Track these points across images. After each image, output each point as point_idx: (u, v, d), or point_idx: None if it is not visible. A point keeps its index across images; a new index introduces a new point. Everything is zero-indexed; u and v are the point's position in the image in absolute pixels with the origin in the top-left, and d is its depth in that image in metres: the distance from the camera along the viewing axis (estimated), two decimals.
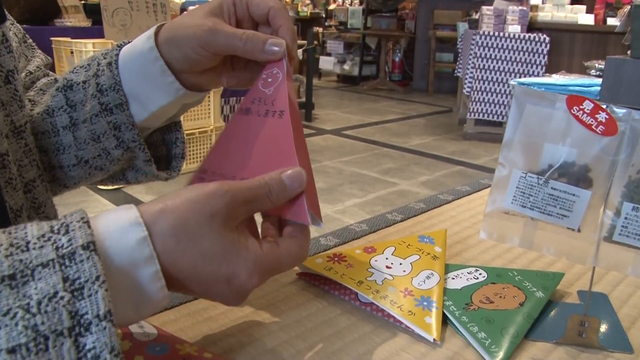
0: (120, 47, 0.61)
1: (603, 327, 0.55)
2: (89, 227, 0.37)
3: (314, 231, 0.55)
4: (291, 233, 0.49)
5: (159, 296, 0.41)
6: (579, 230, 0.50)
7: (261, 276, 0.45)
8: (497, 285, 0.61)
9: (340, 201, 3.37)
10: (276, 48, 0.53)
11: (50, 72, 0.71)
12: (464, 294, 0.59)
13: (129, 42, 0.61)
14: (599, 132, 0.48)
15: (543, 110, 0.49)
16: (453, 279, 0.62)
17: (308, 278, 0.63)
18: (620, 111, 0.47)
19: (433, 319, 0.54)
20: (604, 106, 0.48)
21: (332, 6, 9.72)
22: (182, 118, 0.67)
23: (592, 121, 0.48)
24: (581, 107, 0.48)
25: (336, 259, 0.63)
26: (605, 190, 0.48)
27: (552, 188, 0.49)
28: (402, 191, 3.62)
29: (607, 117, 0.48)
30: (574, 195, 0.49)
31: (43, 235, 0.37)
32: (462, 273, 0.63)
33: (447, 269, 0.64)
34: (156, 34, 0.57)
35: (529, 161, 0.50)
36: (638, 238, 0.48)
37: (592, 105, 0.48)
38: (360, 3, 9.14)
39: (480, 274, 0.63)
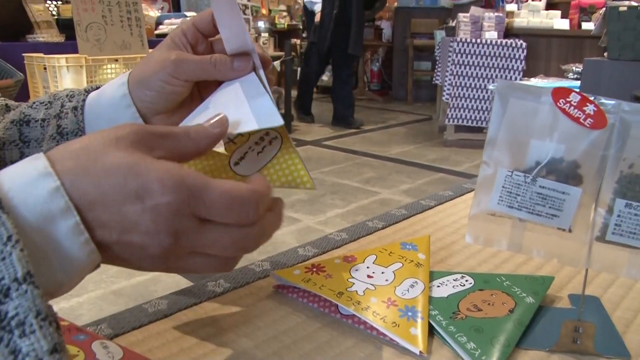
0: (88, 92, 0.59)
1: (597, 332, 0.52)
2: None
3: (292, 241, 0.52)
4: (215, 134, 0.45)
5: (84, 252, 0.36)
6: (570, 231, 0.47)
7: (179, 193, 0.38)
8: (485, 291, 0.58)
9: (322, 212, 3.34)
10: (243, 63, 0.54)
11: (2, 98, 0.66)
12: (451, 302, 0.56)
13: (97, 88, 0.59)
14: (588, 126, 0.45)
15: (528, 104, 0.46)
16: (438, 286, 0.59)
17: (285, 291, 0.60)
18: (609, 103, 0.45)
19: (419, 330, 0.51)
20: (592, 98, 0.45)
21: None
22: None
23: (579, 114, 0.45)
24: (568, 99, 0.45)
25: (315, 269, 0.59)
26: (596, 187, 0.46)
27: (540, 186, 0.46)
28: (384, 200, 3.60)
29: (595, 109, 0.45)
30: (563, 193, 0.46)
31: None
32: (448, 280, 0.60)
33: (432, 276, 0.61)
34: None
35: (515, 159, 0.47)
36: (633, 236, 0.45)
37: (579, 97, 0.45)
38: None
39: (466, 281, 0.60)
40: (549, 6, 5.32)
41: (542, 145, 0.46)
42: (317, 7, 5.93)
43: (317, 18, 5.90)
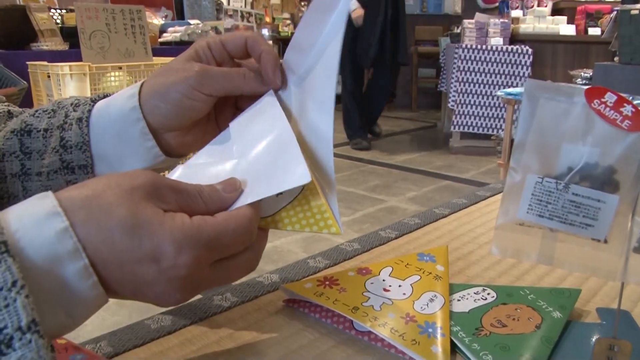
0: (94, 101, 0.55)
1: (634, 350, 0.49)
2: None
3: (299, 250, 0.49)
4: (235, 209, 0.43)
5: (92, 294, 0.35)
6: (605, 242, 0.43)
7: (194, 251, 0.37)
8: (508, 306, 0.54)
9: None
10: (277, 76, 0.53)
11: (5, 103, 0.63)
12: (473, 317, 0.52)
13: (105, 97, 0.56)
14: (625, 128, 0.41)
15: (559, 105, 0.43)
16: (459, 300, 0.55)
17: (296, 305, 0.56)
18: None
19: (440, 348, 0.47)
20: (629, 98, 0.42)
21: None
22: None
23: (616, 116, 0.42)
24: (603, 100, 0.42)
25: (327, 282, 0.56)
26: (635, 194, 0.42)
27: (573, 194, 0.42)
28: (390, 208, 3.56)
29: (633, 110, 0.41)
30: (598, 201, 0.42)
31: None
32: (469, 294, 0.57)
33: (451, 289, 0.57)
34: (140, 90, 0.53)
35: (546, 164, 0.43)
36: None
37: (616, 97, 0.42)
38: None
39: (488, 294, 0.56)
40: (555, 12, 5.30)
41: (575, 150, 0.43)
42: (354, 4, 4.91)
43: (360, 21, 4.90)
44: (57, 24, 3.97)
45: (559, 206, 0.43)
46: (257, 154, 0.48)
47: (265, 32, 6.28)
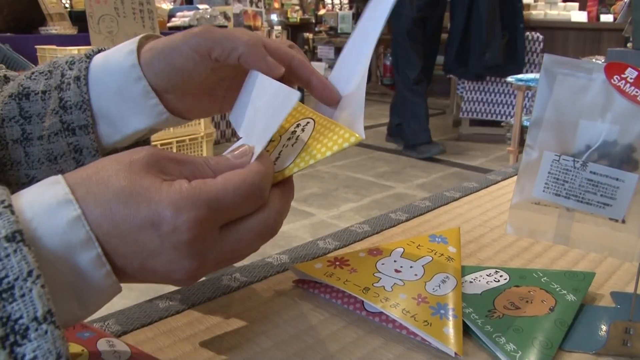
0: (89, 57, 0.52)
1: None
2: (12, 212, 0.31)
3: (306, 235, 0.47)
4: (237, 164, 0.41)
5: (106, 284, 0.35)
6: (623, 221, 0.42)
7: (193, 212, 0.35)
8: (521, 288, 0.53)
9: (336, 206, 3.30)
10: (275, 66, 0.49)
11: None
12: (485, 299, 0.52)
13: (100, 51, 0.53)
14: None
15: (577, 81, 0.42)
16: (471, 282, 0.55)
17: (306, 286, 0.55)
18: None
19: (452, 330, 0.46)
20: None
21: (321, 12, 9.65)
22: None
23: (636, 92, 0.40)
24: (623, 75, 0.41)
25: (338, 263, 0.55)
26: None
27: (591, 172, 0.41)
28: (398, 194, 3.55)
29: None
30: (617, 179, 0.41)
31: None
32: (481, 275, 0.56)
33: (464, 271, 0.56)
34: (138, 48, 0.50)
35: (563, 142, 0.42)
36: None
37: (637, 73, 0.41)
38: (350, 8, 9.08)
39: (501, 276, 0.55)
40: None
41: (594, 127, 0.42)
42: None
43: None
44: (65, 8, 3.97)
45: (576, 185, 0.42)
46: (256, 110, 0.48)
47: (274, 17, 6.25)
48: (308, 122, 0.48)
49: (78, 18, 3.75)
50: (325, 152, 0.43)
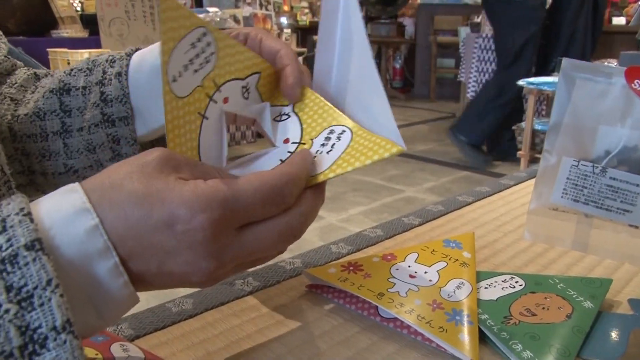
0: (129, 55, 0.57)
1: None
2: (32, 220, 0.30)
3: (315, 239, 0.47)
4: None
5: (124, 294, 0.34)
6: None
7: (209, 211, 0.35)
8: (537, 294, 0.53)
9: (345, 209, 3.29)
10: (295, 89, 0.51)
11: (20, 63, 0.64)
12: (501, 305, 0.51)
13: (138, 50, 0.57)
14: None
15: (597, 86, 0.41)
16: (486, 288, 0.54)
17: (320, 291, 0.55)
18: None
19: (468, 336, 0.46)
20: None
21: None
22: None
23: None
24: None
25: (351, 268, 0.55)
26: None
27: (610, 178, 0.41)
28: (408, 198, 3.54)
29: None
30: (637, 185, 0.41)
31: None
32: (496, 281, 0.55)
33: (479, 277, 0.56)
34: None
35: (582, 147, 0.42)
36: None
37: None
38: (360, 10, 9.09)
39: (516, 282, 0.55)
40: None
41: (613, 132, 0.41)
42: None
43: None
44: (77, 11, 3.99)
45: (595, 190, 0.41)
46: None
47: (284, 20, 6.26)
48: (344, 131, 0.47)
49: (89, 21, 3.78)
50: (365, 160, 0.43)
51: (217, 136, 0.47)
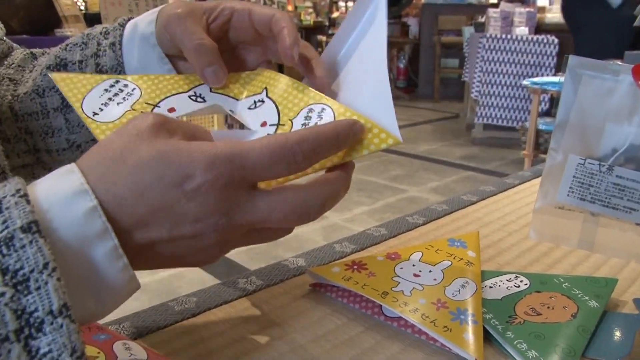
0: (122, 26, 0.58)
1: None
2: (28, 202, 0.30)
3: (319, 238, 0.46)
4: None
5: (124, 278, 0.33)
6: None
7: (218, 168, 0.34)
8: (542, 294, 0.52)
9: (348, 209, 3.29)
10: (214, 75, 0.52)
11: (16, 45, 0.65)
12: (506, 304, 0.51)
13: (131, 19, 0.58)
14: None
15: (604, 83, 0.41)
16: (491, 287, 0.54)
17: (323, 290, 0.55)
18: None
19: (473, 336, 0.45)
20: None
21: (335, 14, 9.66)
22: None
23: None
24: None
25: (355, 267, 0.54)
26: None
27: (617, 176, 0.41)
28: (412, 198, 3.54)
29: None
30: None
31: None
32: (501, 281, 0.55)
33: (483, 276, 0.56)
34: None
35: (588, 145, 0.41)
36: None
37: None
38: None
39: (521, 282, 0.54)
40: None
41: (620, 130, 0.41)
42: None
43: None
44: (80, 10, 4.00)
45: (602, 189, 0.41)
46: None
47: None
48: (324, 109, 0.46)
49: (93, 20, 3.79)
50: (362, 150, 0.43)
51: None
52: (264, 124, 0.48)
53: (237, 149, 0.35)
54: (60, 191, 0.32)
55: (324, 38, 8.51)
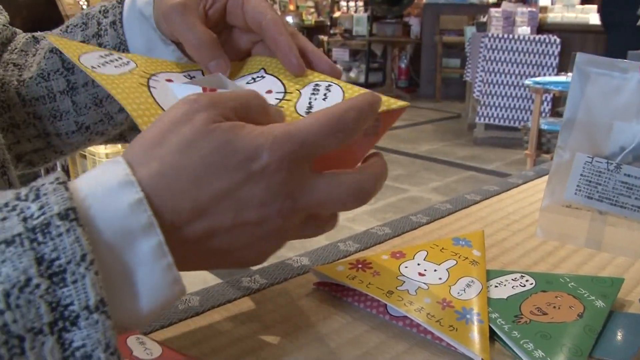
0: (120, 3, 0.56)
1: None
2: (66, 189, 0.29)
3: (320, 237, 0.46)
4: None
5: (166, 280, 0.32)
6: None
7: (281, 149, 0.34)
8: (548, 293, 0.52)
9: None
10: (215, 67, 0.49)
11: (19, 30, 0.64)
12: (511, 304, 0.50)
13: None
14: None
15: (611, 81, 0.40)
16: (496, 286, 0.53)
17: (328, 288, 0.55)
18: None
19: (478, 335, 0.45)
20: None
21: (336, 14, 9.66)
22: None
23: None
24: None
25: (360, 266, 0.54)
26: None
27: (625, 174, 0.40)
28: (413, 197, 3.54)
29: None
30: None
31: (6, 204, 0.28)
32: (506, 280, 0.54)
33: (488, 275, 0.55)
34: None
35: (596, 143, 0.41)
36: None
37: None
38: (365, 10, 9.08)
39: (527, 281, 0.54)
40: (584, 1, 5.20)
41: (628, 128, 0.40)
42: None
43: None
44: (83, 9, 3.99)
45: (610, 187, 0.41)
46: None
47: (289, 19, 6.26)
48: (330, 85, 0.46)
49: None
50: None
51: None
52: (269, 92, 0.48)
53: (293, 127, 0.35)
54: (103, 182, 0.31)
55: (325, 38, 8.51)
